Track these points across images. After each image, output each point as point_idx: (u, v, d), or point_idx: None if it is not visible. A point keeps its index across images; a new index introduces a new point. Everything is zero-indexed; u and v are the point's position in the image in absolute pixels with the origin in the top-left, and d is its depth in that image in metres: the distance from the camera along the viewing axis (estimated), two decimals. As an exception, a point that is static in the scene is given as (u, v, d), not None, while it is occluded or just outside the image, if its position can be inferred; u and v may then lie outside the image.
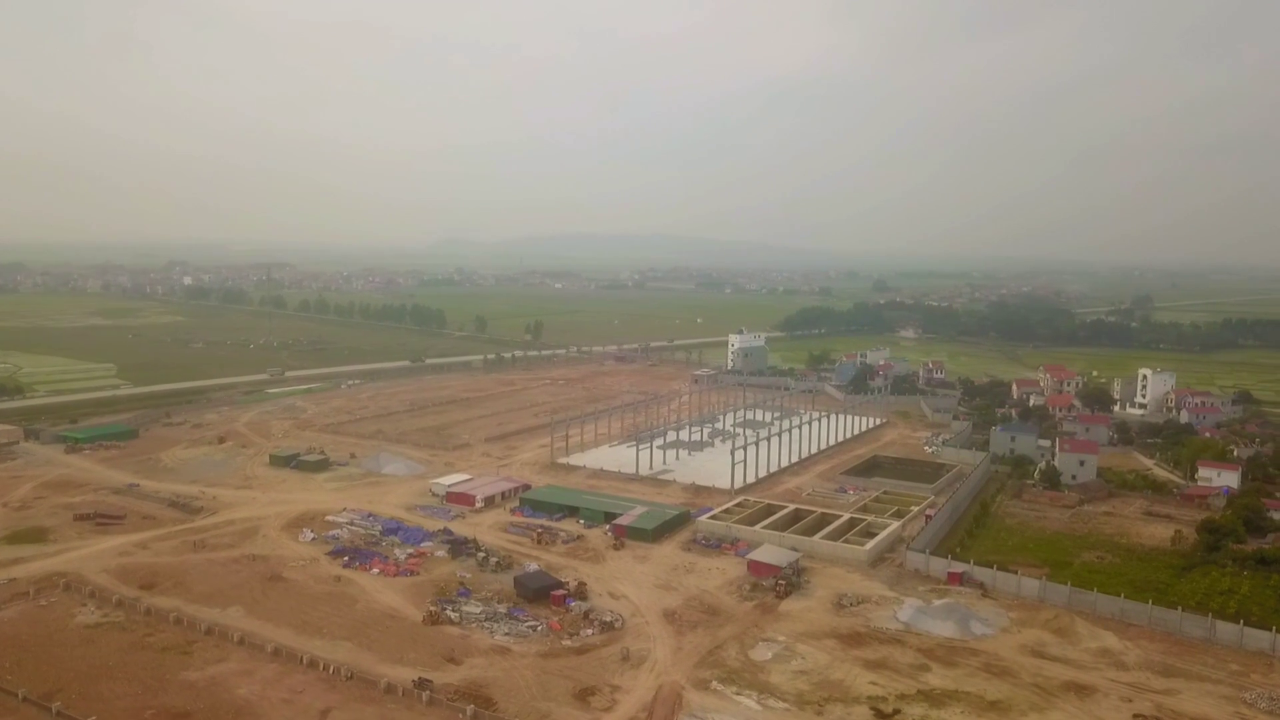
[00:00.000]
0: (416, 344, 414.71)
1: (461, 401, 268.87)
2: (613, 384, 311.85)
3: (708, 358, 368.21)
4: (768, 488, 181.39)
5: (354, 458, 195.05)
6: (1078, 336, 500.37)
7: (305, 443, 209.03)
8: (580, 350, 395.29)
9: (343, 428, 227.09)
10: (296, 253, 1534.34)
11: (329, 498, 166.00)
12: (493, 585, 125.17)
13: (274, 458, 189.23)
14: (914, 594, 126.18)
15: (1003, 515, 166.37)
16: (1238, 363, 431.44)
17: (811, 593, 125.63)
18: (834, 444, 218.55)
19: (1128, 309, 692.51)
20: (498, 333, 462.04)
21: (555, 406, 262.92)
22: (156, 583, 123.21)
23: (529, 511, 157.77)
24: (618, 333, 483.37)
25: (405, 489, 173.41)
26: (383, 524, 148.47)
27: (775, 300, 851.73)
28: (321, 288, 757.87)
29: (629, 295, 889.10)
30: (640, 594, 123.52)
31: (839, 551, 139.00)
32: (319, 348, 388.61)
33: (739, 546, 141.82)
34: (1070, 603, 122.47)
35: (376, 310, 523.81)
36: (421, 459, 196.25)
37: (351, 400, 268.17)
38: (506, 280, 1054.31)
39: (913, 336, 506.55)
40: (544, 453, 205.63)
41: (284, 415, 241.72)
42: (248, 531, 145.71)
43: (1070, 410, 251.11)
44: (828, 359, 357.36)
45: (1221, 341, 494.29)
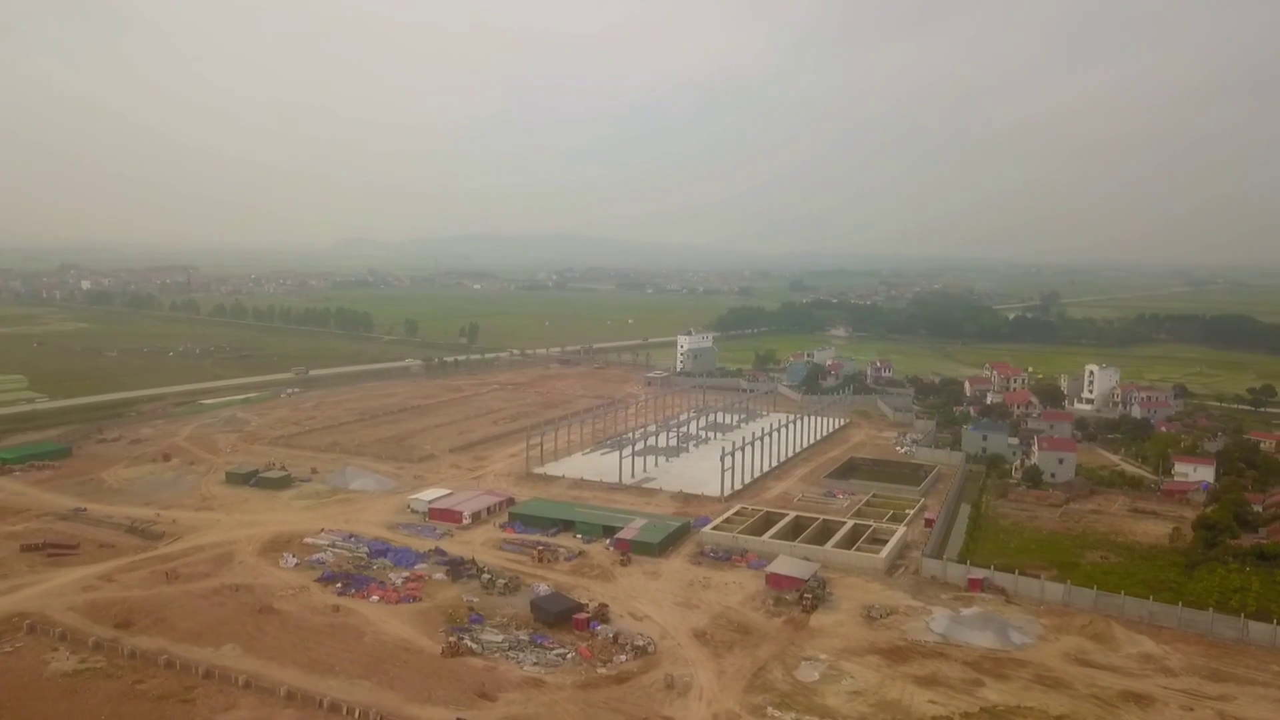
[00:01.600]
0: (346, 349, 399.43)
1: (413, 410, 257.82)
2: (564, 388, 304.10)
3: (655, 359, 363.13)
4: (754, 494, 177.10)
5: (316, 473, 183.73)
6: (1002, 333, 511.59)
7: (256, 457, 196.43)
8: (523, 353, 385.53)
9: (294, 440, 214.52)
10: (193, 255, 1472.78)
11: (300, 518, 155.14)
12: (505, 609, 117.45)
13: (231, 475, 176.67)
14: (938, 602, 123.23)
15: (995, 516, 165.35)
16: (1156, 356, 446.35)
17: (837, 605, 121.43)
18: (806, 446, 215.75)
19: (1039, 305, 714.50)
20: (429, 336, 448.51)
21: (513, 413, 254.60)
22: (133, 620, 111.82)
23: (520, 527, 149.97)
24: (551, 335, 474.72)
25: (380, 506, 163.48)
26: (369, 545, 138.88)
27: (698, 300, 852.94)
28: (231, 291, 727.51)
29: (551, 296, 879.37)
30: (663, 614, 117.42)
31: (853, 560, 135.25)
32: (244, 355, 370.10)
33: (749, 558, 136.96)
34: (1096, 606, 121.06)
35: (299, 314, 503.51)
36: (388, 473, 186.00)
37: (295, 410, 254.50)
38: (422, 281, 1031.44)
39: (843, 335, 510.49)
40: (515, 462, 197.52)
41: (227, 428, 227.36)
42: (221, 558, 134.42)
43: (1028, 407, 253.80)
44: (773, 359, 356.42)
45: (1137, 336, 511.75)
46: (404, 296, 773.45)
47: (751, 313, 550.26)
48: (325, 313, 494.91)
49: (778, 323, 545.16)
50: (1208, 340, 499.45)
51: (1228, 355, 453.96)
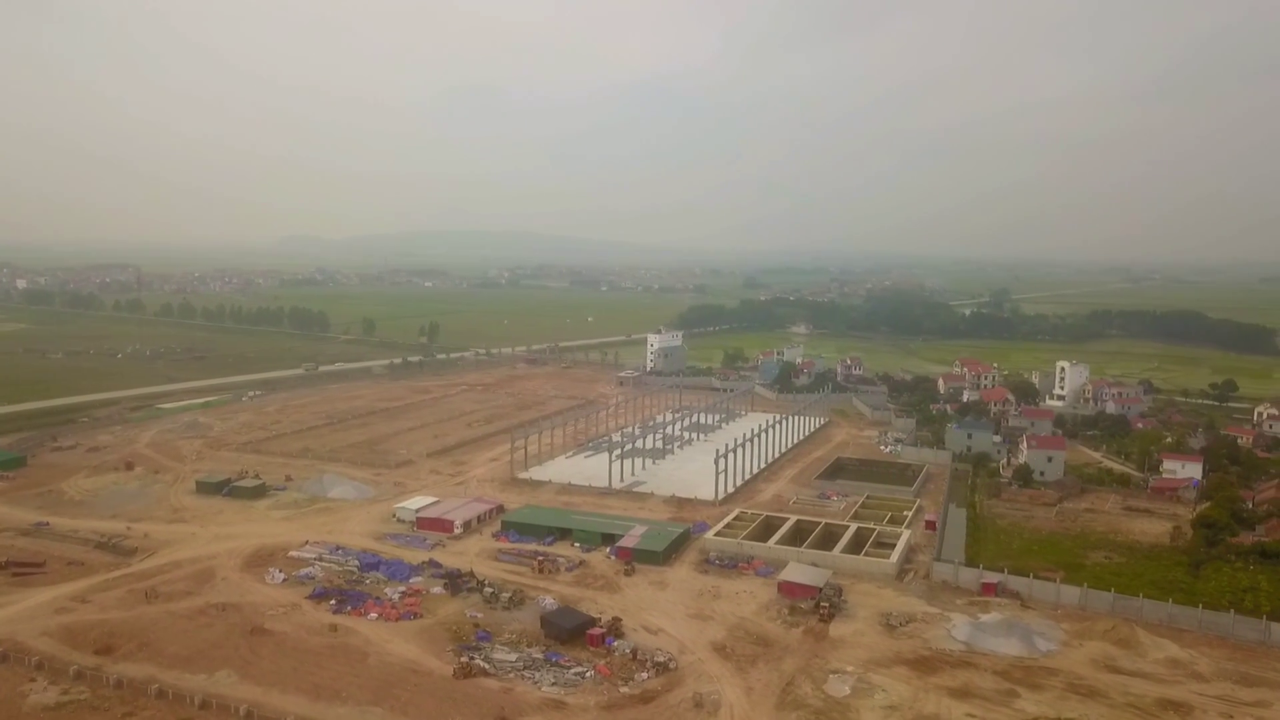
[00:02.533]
0: (303, 349, 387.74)
1: (382, 412, 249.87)
2: (534, 389, 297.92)
3: (624, 358, 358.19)
4: (747, 497, 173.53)
5: (291, 480, 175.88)
6: (961, 329, 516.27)
7: (224, 465, 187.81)
8: (488, 353, 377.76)
9: (262, 446, 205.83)
10: (129, 253, 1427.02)
11: (281, 529, 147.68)
12: (512, 625, 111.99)
13: (201, 484, 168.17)
14: (955, 608, 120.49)
15: (992, 517, 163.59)
16: (1112, 352, 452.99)
17: (854, 613, 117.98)
18: (790, 446, 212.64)
19: (990, 301, 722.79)
20: (387, 335, 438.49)
21: (486, 415, 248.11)
22: (115, 645, 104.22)
23: (515, 536, 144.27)
24: (511, 333, 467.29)
25: (363, 515, 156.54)
26: (359, 558, 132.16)
27: (655, 298, 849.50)
28: (175, 290, 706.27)
29: (504, 294, 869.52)
30: (677, 626, 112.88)
31: (863, 566, 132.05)
32: (198, 356, 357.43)
33: (755, 565, 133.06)
34: (1114, 609, 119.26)
35: (250, 314, 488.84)
36: (367, 480, 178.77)
37: (259, 414, 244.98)
38: (371, 279, 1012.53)
39: (804, 332, 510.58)
40: (498, 467, 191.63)
41: (189, 434, 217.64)
42: (202, 575, 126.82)
43: (1005, 404, 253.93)
44: (742, 357, 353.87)
45: (1091, 332, 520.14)
46: (354, 295, 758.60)
47: (712, 310, 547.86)
48: (278, 312, 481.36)
49: (738, 320, 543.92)
50: (1159, 336, 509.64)
51: (1180, 350, 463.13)
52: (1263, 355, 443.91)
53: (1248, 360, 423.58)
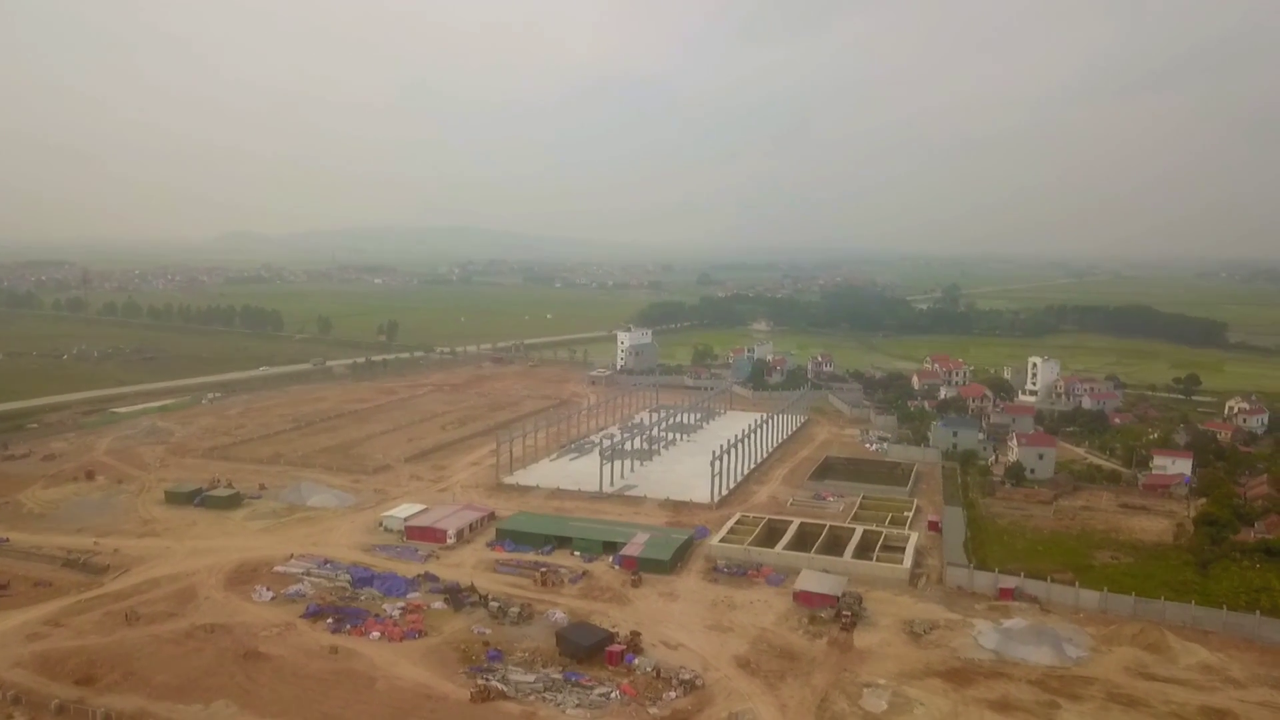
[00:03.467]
0: (258, 349, 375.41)
1: (350, 415, 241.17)
2: (504, 389, 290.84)
3: (592, 356, 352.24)
4: (742, 499, 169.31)
5: (265, 489, 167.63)
6: (920, 325, 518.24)
7: (192, 473, 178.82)
8: (452, 352, 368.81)
9: (229, 452, 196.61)
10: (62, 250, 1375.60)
11: (261, 542, 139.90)
12: (523, 642, 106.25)
13: (171, 494, 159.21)
14: (975, 614, 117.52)
15: (991, 517, 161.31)
16: (1069, 346, 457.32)
17: (875, 621, 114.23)
18: (776, 446, 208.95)
19: (942, 297, 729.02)
20: (344, 334, 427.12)
21: (459, 417, 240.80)
22: (98, 675, 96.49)
23: (511, 545, 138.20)
24: (469, 331, 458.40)
25: (347, 525, 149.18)
26: (350, 572, 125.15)
27: (611, 295, 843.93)
28: (116, 288, 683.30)
29: (457, 290, 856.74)
30: (697, 640, 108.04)
31: (875, 571, 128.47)
32: (148, 357, 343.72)
33: (765, 572, 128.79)
34: (1136, 613, 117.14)
35: (200, 313, 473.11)
36: (345, 487, 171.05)
37: (222, 418, 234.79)
38: (318, 276, 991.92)
39: (766, 329, 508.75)
40: (480, 471, 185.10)
41: (149, 439, 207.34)
42: (183, 594, 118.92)
43: (984, 400, 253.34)
44: (710, 354, 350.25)
45: (1046, 327, 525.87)
46: (303, 292, 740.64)
47: (672, 307, 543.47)
48: (229, 311, 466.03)
49: (698, 317, 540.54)
50: (1112, 330, 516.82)
51: (1134, 344, 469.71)
52: (1215, 349, 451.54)
53: (1201, 354, 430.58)
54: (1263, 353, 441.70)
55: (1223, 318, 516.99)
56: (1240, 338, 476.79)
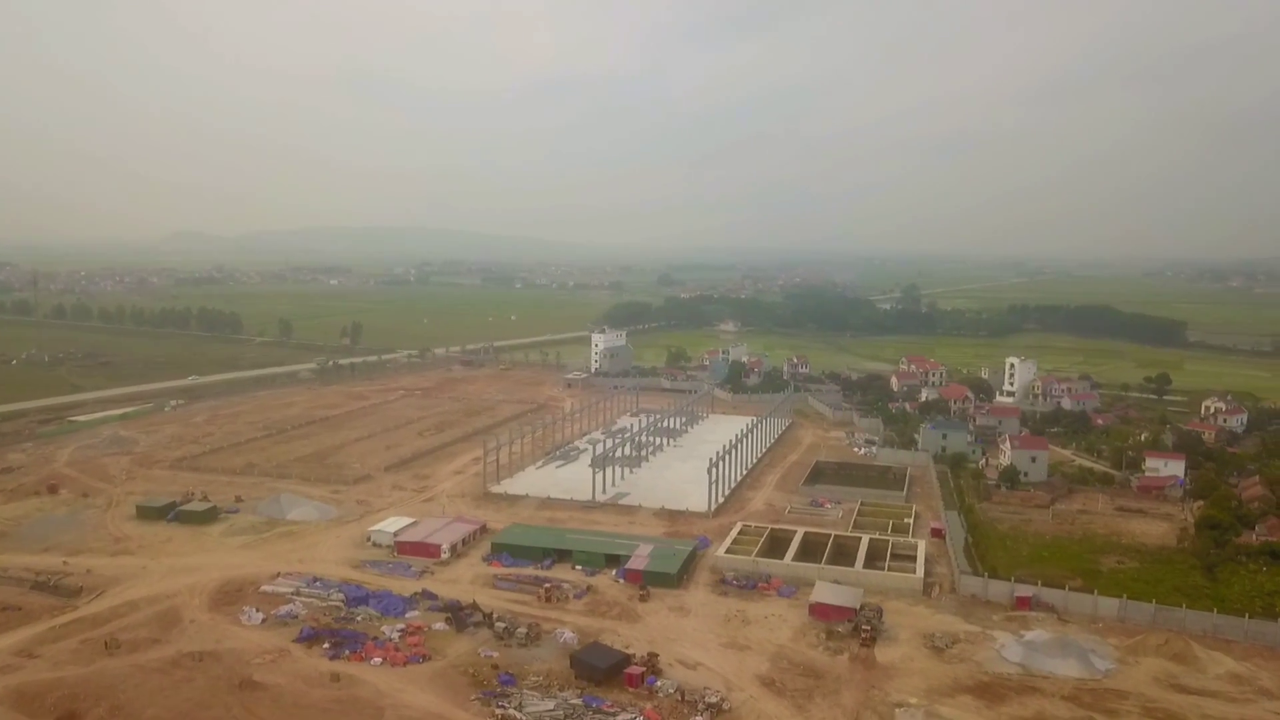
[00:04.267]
0: (218, 353, 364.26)
1: (322, 421, 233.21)
2: (477, 392, 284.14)
3: (565, 358, 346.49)
4: (737, 506, 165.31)
5: (241, 501, 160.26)
6: (886, 325, 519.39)
7: (159, 485, 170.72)
8: (420, 355, 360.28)
9: (200, 462, 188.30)
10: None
11: (243, 559, 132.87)
12: (533, 665, 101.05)
13: (143, 509, 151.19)
14: (994, 625, 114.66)
15: (990, 521, 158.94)
16: (1034, 346, 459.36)
17: (894, 635, 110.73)
18: (764, 451, 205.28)
19: (902, 297, 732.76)
20: (306, 337, 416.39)
21: (435, 422, 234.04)
22: (81, 710, 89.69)
23: (509, 560, 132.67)
24: (433, 333, 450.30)
25: (332, 539, 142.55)
26: (343, 591, 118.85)
27: (572, 295, 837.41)
28: (62, 290, 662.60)
29: (415, 291, 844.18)
30: (715, 659, 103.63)
31: (889, 582, 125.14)
32: (103, 362, 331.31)
33: (775, 584, 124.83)
34: (1155, 621, 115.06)
35: (153, 315, 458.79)
36: (326, 498, 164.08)
37: (187, 426, 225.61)
38: (273, 277, 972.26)
39: (733, 330, 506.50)
40: (465, 480, 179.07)
41: (113, 450, 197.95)
42: (165, 617, 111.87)
43: (964, 402, 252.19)
44: (684, 356, 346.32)
45: (1009, 326, 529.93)
46: (258, 294, 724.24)
47: (638, 308, 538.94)
48: (185, 313, 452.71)
49: (665, 318, 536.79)
50: (1074, 329, 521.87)
51: (1097, 344, 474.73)
52: (1175, 348, 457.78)
53: (1163, 353, 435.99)
54: (1221, 351, 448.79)
55: (1176, 317, 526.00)
56: (1198, 337, 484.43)
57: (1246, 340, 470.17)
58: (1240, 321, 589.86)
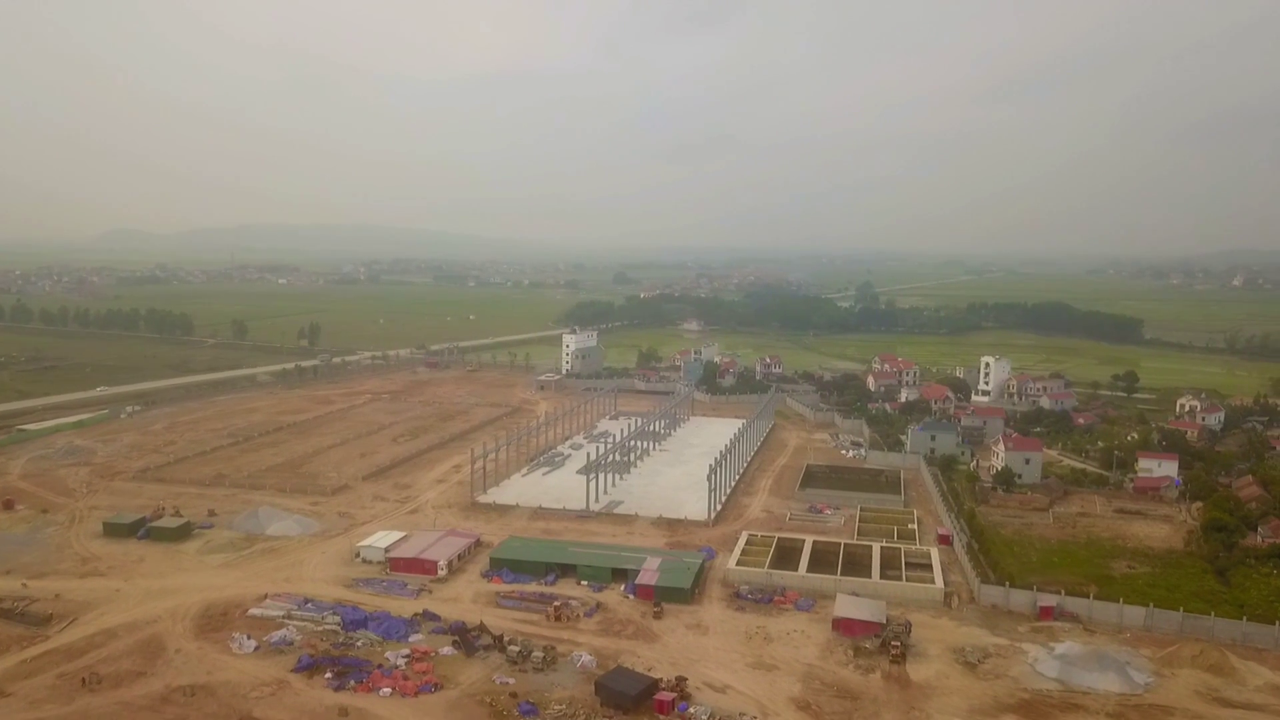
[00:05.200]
0: (170, 356, 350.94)
1: (290, 428, 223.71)
2: (447, 395, 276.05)
3: (533, 359, 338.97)
4: (735, 514, 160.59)
5: (215, 516, 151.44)
6: (848, 324, 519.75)
7: (124, 499, 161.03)
8: (383, 356, 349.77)
9: (165, 473, 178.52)
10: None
11: (225, 579, 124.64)
12: (554, 691, 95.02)
13: (110, 526, 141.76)
14: (1020, 636, 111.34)
15: (993, 526, 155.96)
16: (995, 344, 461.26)
17: (924, 650, 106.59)
18: (752, 455, 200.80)
19: (857, 295, 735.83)
20: (261, 338, 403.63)
21: (409, 428, 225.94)
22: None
23: (510, 575, 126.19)
24: (391, 334, 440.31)
25: (318, 556, 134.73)
26: (340, 613, 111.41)
27: (528, 294, 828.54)
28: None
29: (367, 290, 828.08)
30: (744, 681, 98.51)
31: (908, 593, 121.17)
32: (48, 366, 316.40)
33: (791, 597, 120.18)
34: (1183, 630, 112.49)
35: (99, 317, 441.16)
36: (305, 511, 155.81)
37: (146, 434, 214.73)
38: (218, 276, 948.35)
39: (696, 329, 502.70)
40: (449, 490, 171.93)
41: (69, 460, 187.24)
42: (148, 647, 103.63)
43: (945, 402, 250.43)
44: (655, 356, 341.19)
45: (969, 324, 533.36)
46: (205, 293, 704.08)
47: (601, 307, 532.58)
48: (133, 314, 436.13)
49: (627, 317, 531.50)
50: (1032, 327, 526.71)
51: (1056, 341, 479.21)
52: (1131, 345, 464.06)
53: (1120, 350, 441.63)
54: (1177, 348, 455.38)
55: (1126, 314, 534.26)
56: (1153, 334, 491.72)
57: (1200, 337, 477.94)
58: (1188, 318, 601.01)
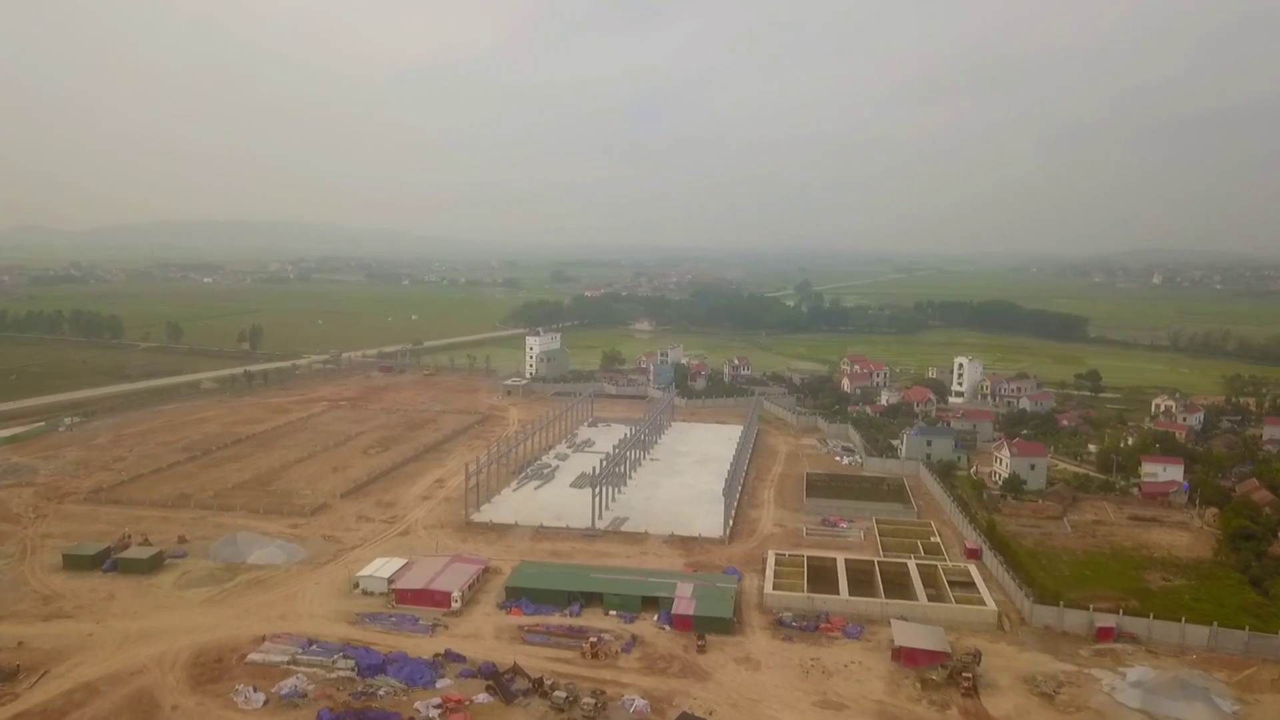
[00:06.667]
0: (101, 361, 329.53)
1: (249, 440, 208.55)
2: (408, 401, 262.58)
3: (494, 362, 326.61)
4: (748, 530, 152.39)
5: (186, 542, 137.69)
6: (798, 323, 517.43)
7: (77, 523, 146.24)
8: (335, 360, 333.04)
9: (120, 494, 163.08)
10: None
11: (213, 618, 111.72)
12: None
13: (71, 557, 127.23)
14: (1084, 661, 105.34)
15: (1013, 537, 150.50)
16: (945, 343, 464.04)
17: (993, 681, 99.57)
18: (746, 463, 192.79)
19: (794, 293, 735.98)
20: (198, 341, 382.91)
21: (378, 438, 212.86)
22: None
23: (530, 606, 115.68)
24: (335, 336, 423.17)
25: (311, 587, 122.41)
26: (352, 656, 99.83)
27: (466, 293, 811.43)
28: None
29: (298, 290, 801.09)
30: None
31: (958, 615, 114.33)
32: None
33: (837, 623, 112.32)
34: (1248, 649, 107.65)
35: (16, 319, 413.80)
36: (285, 534, 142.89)
37: (90, 449, 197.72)
38: (139, 275, 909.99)
39: (648, 329, 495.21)
40: (437, 507, 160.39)
41: (9, 480, 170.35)
42: (138, 704, 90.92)
43: (927, 404, 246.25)
44: (619, 358, 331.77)
45: (917, 323, 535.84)
46: (126, 294, 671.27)
47: (549, 307, 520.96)
48: (55, 316, 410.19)
49: (576, 317, 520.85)
50: (977, 325, 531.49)
51: (1003, 340, 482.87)
52: (1077, 343, 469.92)
53: (1067, 348, 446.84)
54: (1122, 346, 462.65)
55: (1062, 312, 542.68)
56: (1097, 332, 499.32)
57: (1143, 335, 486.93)
58: (1121, 316, 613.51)
